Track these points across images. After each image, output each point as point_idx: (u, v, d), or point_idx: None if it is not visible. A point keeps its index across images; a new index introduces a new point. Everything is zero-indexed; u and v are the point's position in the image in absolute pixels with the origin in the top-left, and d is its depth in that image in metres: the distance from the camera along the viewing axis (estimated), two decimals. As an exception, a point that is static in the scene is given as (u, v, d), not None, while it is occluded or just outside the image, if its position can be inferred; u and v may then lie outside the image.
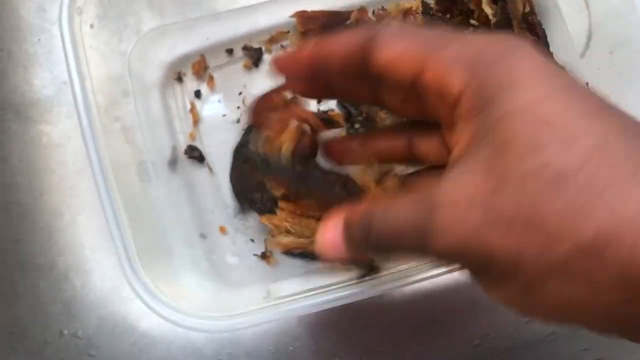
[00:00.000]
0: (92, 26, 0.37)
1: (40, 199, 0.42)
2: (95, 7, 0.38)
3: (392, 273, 0.37)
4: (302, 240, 0.36)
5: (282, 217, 0.35)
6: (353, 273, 0.38)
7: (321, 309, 0.37)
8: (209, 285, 0.40)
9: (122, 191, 0.36)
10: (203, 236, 0.42)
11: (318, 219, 0.37)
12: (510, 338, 0.37)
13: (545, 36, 0.37)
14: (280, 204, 0.36)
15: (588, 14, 0.40)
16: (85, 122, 0.36)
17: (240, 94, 0.43)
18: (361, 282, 0.37)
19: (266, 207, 0.37)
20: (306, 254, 0.39)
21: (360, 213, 0.22)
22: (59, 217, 0.42)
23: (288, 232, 0.35)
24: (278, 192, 0.35)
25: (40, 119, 0.43)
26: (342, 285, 0.37)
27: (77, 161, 0.43)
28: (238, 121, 0.43)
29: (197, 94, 0.43)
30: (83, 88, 0.36)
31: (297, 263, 0.41)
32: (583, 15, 0.40)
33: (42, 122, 0.43)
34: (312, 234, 0.36)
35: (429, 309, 0.39)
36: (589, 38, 0.39)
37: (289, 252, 0.38)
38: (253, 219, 0.41)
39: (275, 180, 0.33)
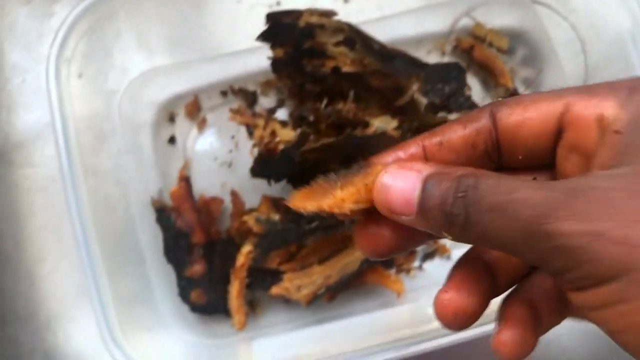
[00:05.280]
0: (80, 75, 0.36)
1: (21, 245, 0.40)
2: (83, 48, 0.37)
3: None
4: (319, 283, 0.36)
5: (290, 278, 0.35)
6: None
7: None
8: (191, 338, 0.39)
9: (103, 238, 0.35)
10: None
11: (319, 262, 0.37)
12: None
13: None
14: (283, 268, 0.36)
15: (584, 59, 0.40)
16: (65, 166, 0.34)
17: (232, 137, 0.42)
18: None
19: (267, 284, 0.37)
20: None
21: (455, 174, 0.18)
22: (41, 262, 0.40)
23: (299, 287, 0.35)
24: (274, 263, 0.35)
25: (23, 162, 0.41)
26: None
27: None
28: (230, 165, 0.42)
29: (171, 140, 0.42)
30: (65, 131, 0.35)
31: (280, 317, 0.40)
32: (579, 60, 0.40)
33: (25, 165, 0.41)
34: (319, 276, 0.36)
35: None
36: (585, 82, 0.40)
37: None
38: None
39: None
